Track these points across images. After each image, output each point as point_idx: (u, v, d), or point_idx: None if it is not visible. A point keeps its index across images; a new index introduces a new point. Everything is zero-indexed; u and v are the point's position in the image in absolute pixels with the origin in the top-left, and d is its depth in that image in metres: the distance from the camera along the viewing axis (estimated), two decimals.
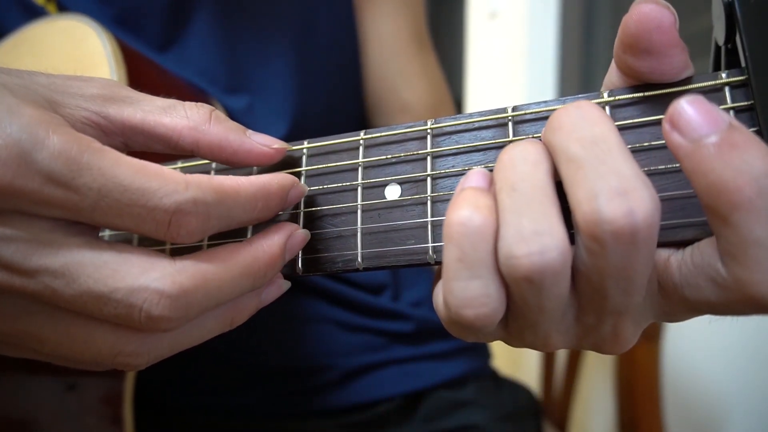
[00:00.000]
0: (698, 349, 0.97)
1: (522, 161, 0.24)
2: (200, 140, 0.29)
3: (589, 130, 0.23)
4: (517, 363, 1.28)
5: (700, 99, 0.21)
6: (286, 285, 0.31)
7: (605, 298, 0.24)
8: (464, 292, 0.24)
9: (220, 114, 0.30)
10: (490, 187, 0.26)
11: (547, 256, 0.22)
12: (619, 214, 0.21)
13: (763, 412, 0.92)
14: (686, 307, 0.25)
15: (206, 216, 0.26)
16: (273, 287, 0.30)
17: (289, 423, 0.58)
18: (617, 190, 0.21)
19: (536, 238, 0.22)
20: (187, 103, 0.30)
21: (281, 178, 0.29)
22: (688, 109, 0.21)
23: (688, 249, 0.24)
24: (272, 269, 0.29)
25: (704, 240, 0.23)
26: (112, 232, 0.34)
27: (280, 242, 0.29)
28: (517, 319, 0.25)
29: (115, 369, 0.28)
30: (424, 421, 0.59)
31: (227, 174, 0.34)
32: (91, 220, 0.25)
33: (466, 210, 0.24)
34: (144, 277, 0.25)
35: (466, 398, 0.62)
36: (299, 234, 0.30)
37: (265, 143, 0.30)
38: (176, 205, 0.25)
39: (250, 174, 0.33)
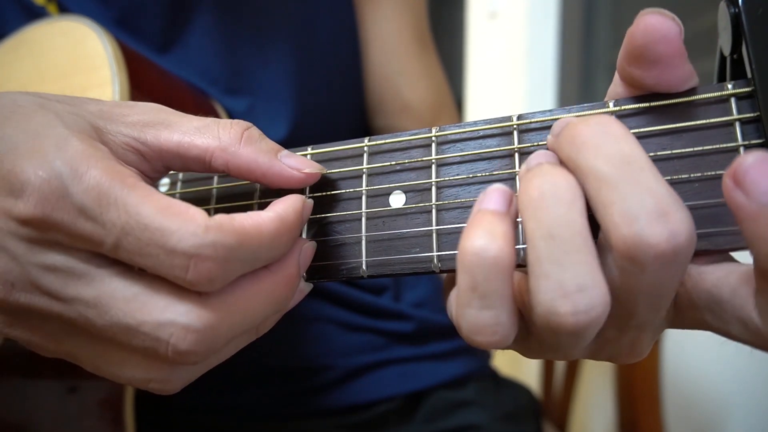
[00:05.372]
0: (698, 349, 0.97)
1: (555, 200, 0.22)
2: (230, 162, 0.29)
3: (615, 147, 0.22)
4: (517, 363, 1.28)
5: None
6: (308, 287, 0.31)
7: (632, 315, 0.24)
8: (476, 320, 0.23)
9: (254, 133, 0.29)
10: (509, 207, 0.24)
11: (593, 312, 0.21)
12: (662, 238, 0.20)
13: (763, 412, 0.92)
14: (701, 325, 0.25)
15: (226, 260, 0.25)
16: (296, 293, 0.30)
17: (289, 423, 0.58)
18: (656, 212, 0.20)
19: (581, 294, 0.21)
20: (222, 122, 0.29)
21: (292, 202, 0.28)
22: (757, 168, 0.19)
23: (707, 274, 0.24)
24: (292, 290, 0.29)
25: (735, 277, 0.23)
26: None
27: (294, 261, 0.29)
28: (542, 343, 0.25)
29: None
30: (424, 422, 0.59)
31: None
32: (116, 256, 0.25)
33: (481, 239, 0.22)
34: (170, 311, 0.25)
35: (466, 398, 0.62)
36: (308, 247, 0.30)
37: (296, 167, 0.29)
38: (194, 248, 0.24)
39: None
